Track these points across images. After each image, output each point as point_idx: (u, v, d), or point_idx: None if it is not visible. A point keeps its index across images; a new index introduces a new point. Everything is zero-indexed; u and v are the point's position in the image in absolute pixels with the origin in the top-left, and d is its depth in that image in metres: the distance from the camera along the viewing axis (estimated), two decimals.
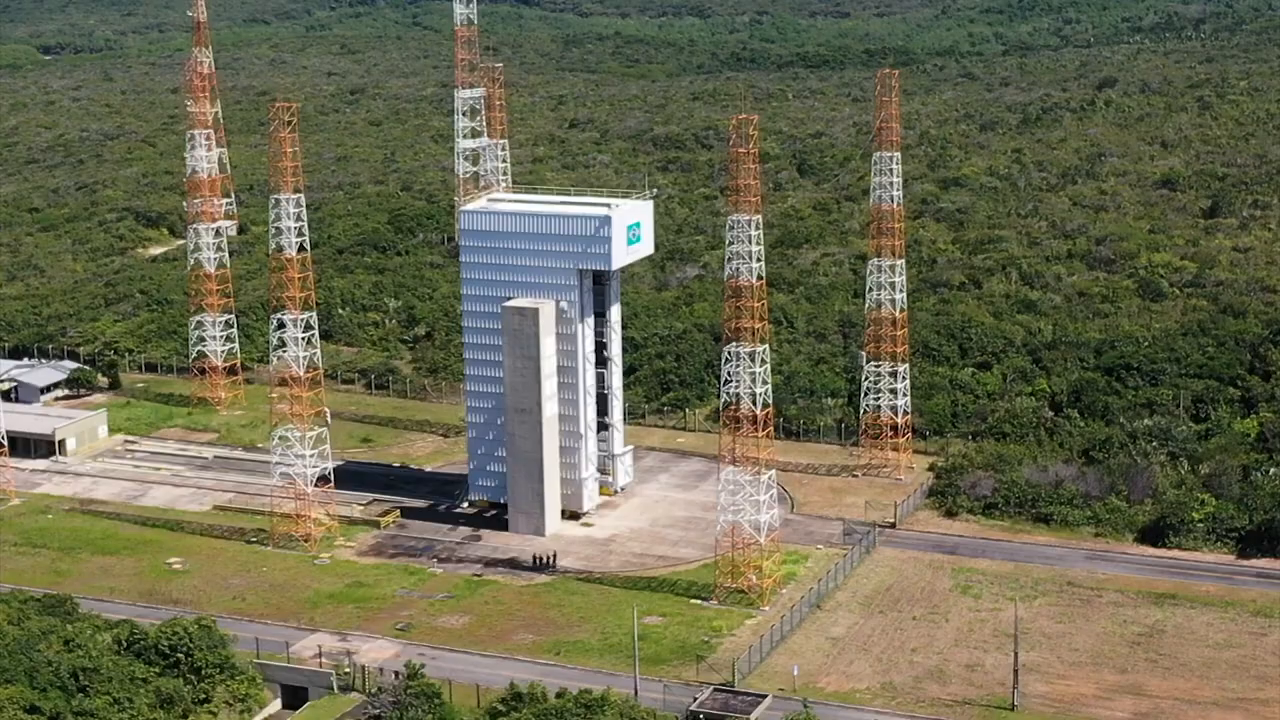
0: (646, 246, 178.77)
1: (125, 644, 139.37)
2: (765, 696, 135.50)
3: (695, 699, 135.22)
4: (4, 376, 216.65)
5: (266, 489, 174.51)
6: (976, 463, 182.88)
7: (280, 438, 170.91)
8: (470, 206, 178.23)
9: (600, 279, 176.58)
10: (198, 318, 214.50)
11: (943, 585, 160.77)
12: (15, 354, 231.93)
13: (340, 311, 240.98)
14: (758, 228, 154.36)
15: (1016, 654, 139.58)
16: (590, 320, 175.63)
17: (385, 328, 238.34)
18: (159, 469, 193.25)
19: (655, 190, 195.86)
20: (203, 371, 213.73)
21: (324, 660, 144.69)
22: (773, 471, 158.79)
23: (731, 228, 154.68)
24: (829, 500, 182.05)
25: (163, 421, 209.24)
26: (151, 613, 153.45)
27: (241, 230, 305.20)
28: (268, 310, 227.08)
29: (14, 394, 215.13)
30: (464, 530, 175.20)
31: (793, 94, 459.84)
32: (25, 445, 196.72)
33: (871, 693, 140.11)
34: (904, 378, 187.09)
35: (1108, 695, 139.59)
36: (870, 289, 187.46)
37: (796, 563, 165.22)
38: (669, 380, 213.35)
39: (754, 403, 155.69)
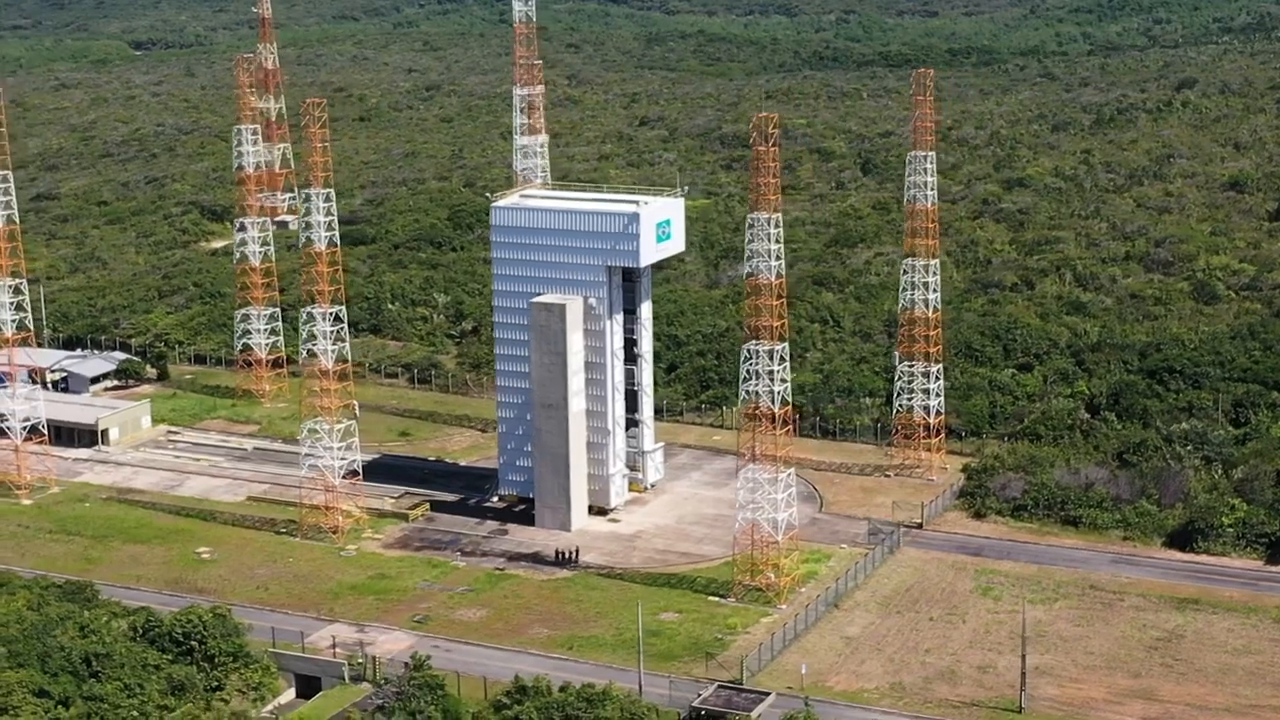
0: (677, 244, 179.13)
1: (141, 631, 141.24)
2: (768, 694, 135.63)
3: (699, 695, 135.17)
4: (55, 367, 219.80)
5: (300, 481, 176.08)
6: (1007, 464, 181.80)
7: (309, 430, 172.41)
8: (502, 203, 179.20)
9: (631, 276, 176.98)
10: (243, 311, 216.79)
11: (963, 586, 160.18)
12: (69, 345, 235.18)
13: (390, 306, 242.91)
14: (777, 226, 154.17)
15: (1024, 656, 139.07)
16: (619, 317, 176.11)
17: (433, 323, 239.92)
18: (198, 459, 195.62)
19: (686, 188, 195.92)
20: (248, 364, 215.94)
21: (337, 650, 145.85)
22: (792, 470, 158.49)
23: (751, 226, 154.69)
24: (859, 500, 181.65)
25: (206, 413, 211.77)
26: (176, 601, 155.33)
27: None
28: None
29: (64, 384, 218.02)
30: (491, 524, 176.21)
31: (867, 93, 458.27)
32: (70, 435, 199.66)
33: (879, 692, 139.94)
34: (937, 378, 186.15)
35: (1118, 699, 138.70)
36: (904, 289, 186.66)
37: (818, 561, 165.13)
38: (708, 378, 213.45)
39: (772, 400, 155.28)
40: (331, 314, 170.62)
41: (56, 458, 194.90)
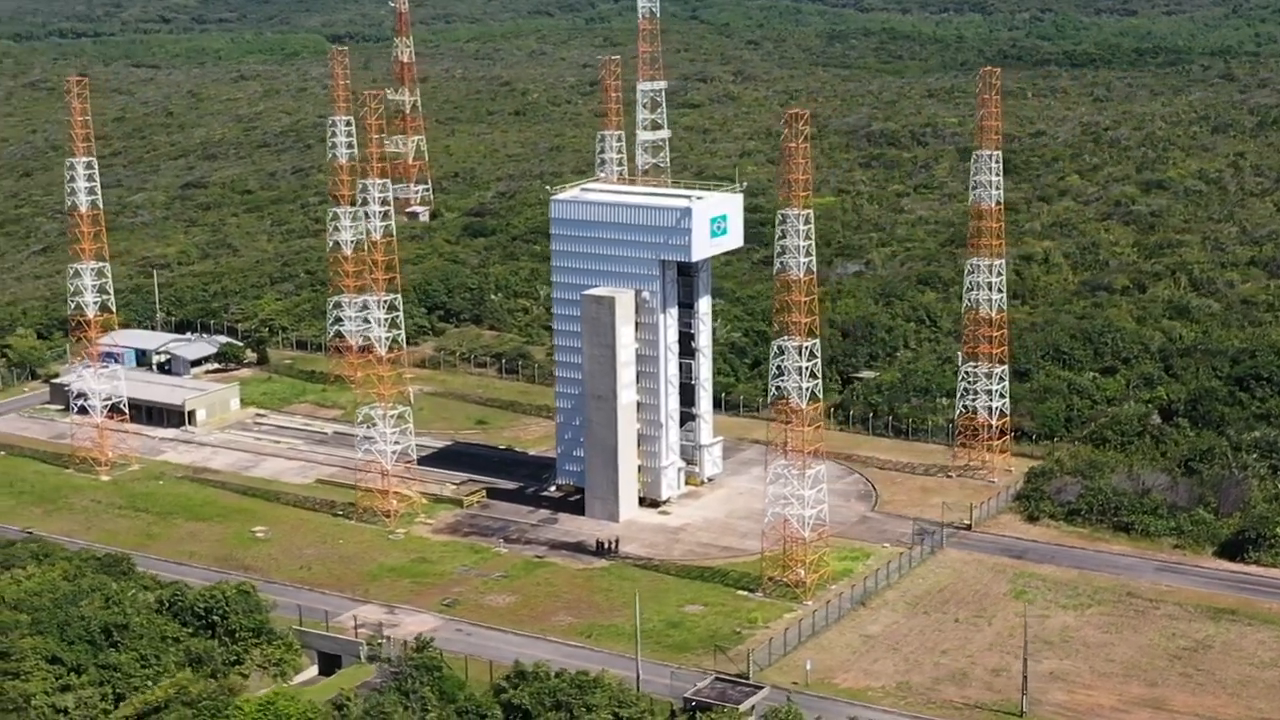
0: (734, 239, 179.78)
1: (167, 604, 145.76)
2: (762, 688, 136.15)
3: (694, 686, 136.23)
4: (160, 349, 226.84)
5: (357, 465, 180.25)
6: (1066, 468, 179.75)
7: (365, 416, 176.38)
8: (561, 196, 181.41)
9: (688, 270, 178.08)
10: (336, 298, 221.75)
11: (998, 589, 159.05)
12: (181, 328, 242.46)
13: (493, 297, 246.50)
14: (807, 222, 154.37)
15: (1025, 660, 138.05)
16: (674, 311, 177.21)
17: (533, 314, 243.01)
18: (277, 442, 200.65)
19: (745, 183, 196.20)
20: (340, 350, 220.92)
21: (359, 630, 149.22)
22: (821, 467, 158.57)
23: (782, 221, 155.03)
24: (915, 499, 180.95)
25: (296, 397, 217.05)
26: (220, 577, 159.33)
27: (434, 215, 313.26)
28: (417, 294, 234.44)
29: (168, 366, 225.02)
30: (543, 513, 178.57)
31: (1032, 92, 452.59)
32: (160, 415, 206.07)
33: (884, 692, 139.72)
34: (1002, 379, 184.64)
35: (1126, 708, 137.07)
36: (968, 289, 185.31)
37: (856, 559, 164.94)
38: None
39: (800, 396, 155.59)
40: (386, 301, 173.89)
41: (145, 436, 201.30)
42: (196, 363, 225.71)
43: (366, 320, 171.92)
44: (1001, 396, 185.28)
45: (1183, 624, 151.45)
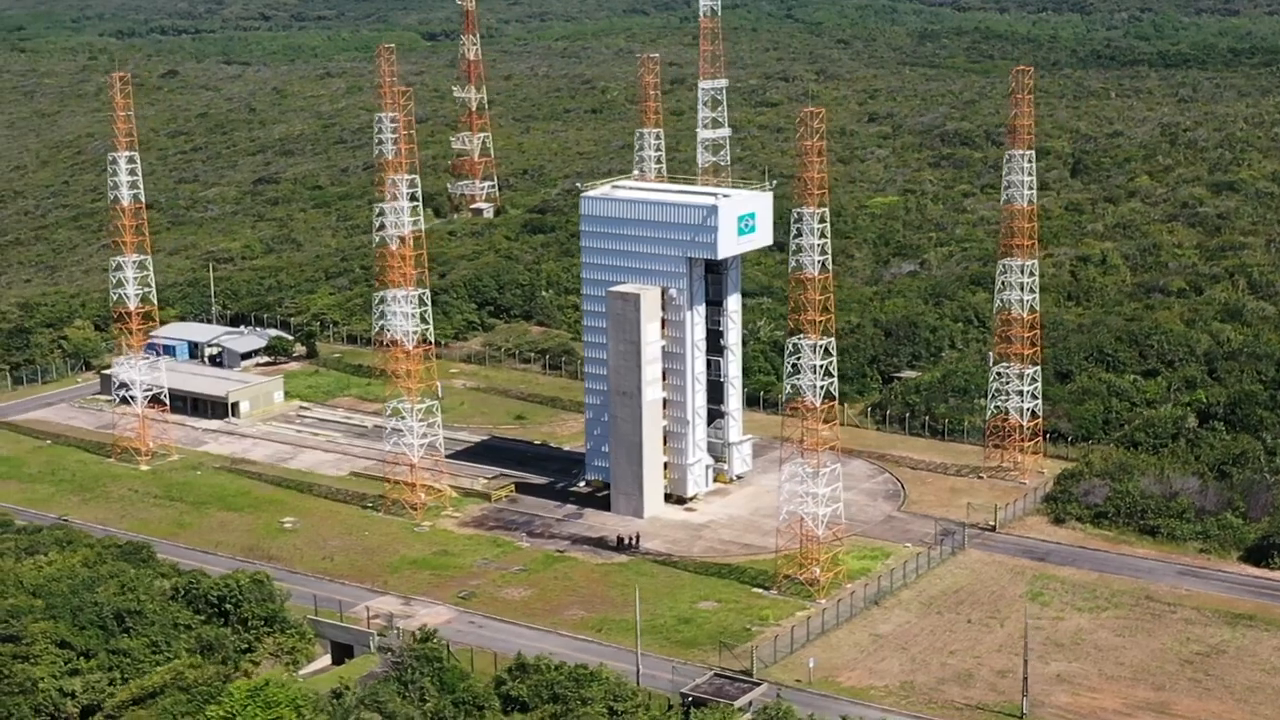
0: (762, 237, 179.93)
1: (182, 592, 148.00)
2: (760, 684, 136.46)
3: (692, 681, 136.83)
4: (212, 342, 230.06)
5: (385, 457, 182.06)
6: (1095, 470, 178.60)
7: (393, 410, 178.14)
8: (591, 193, 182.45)
9: (716, 268, 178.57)
10: (381, 293, 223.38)
11: (1014, 591, 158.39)
12: (234, 321, 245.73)
13: (543, 293, 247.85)
14: (822, 221, 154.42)
15: (1026, 661, 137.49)
16: (701, 308, 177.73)
17: (582, 311, 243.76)
18: (317, 434, 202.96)
19: (775, 182, 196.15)
20: (385, 345, 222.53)
21: (372, 621, 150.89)
22: (837, 465, 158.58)
23: (796, 220, 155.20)
24: (943, 500, 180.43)
25: (340, 390, 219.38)
26: (245, 567, 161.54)
27: (499, 212, 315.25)
28: (467, 290, 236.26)
29: (219, 359, 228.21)
30: (570, 508, 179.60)
31: (1116, 92, 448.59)
32: (204, 406, 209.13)
33: (886, 691, 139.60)
34: (1034, 380, 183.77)
35: (1129, 711, 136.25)
36: (1000, 289, 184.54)
37: (874, 559, 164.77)
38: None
39: (814, 394, 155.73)
40: (414, 296, 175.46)
41: (189, 427, 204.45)
42: (246, 356, 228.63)
43: (383, 314, 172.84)
44: (1034, 398, 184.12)
45: (1198, 628, 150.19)
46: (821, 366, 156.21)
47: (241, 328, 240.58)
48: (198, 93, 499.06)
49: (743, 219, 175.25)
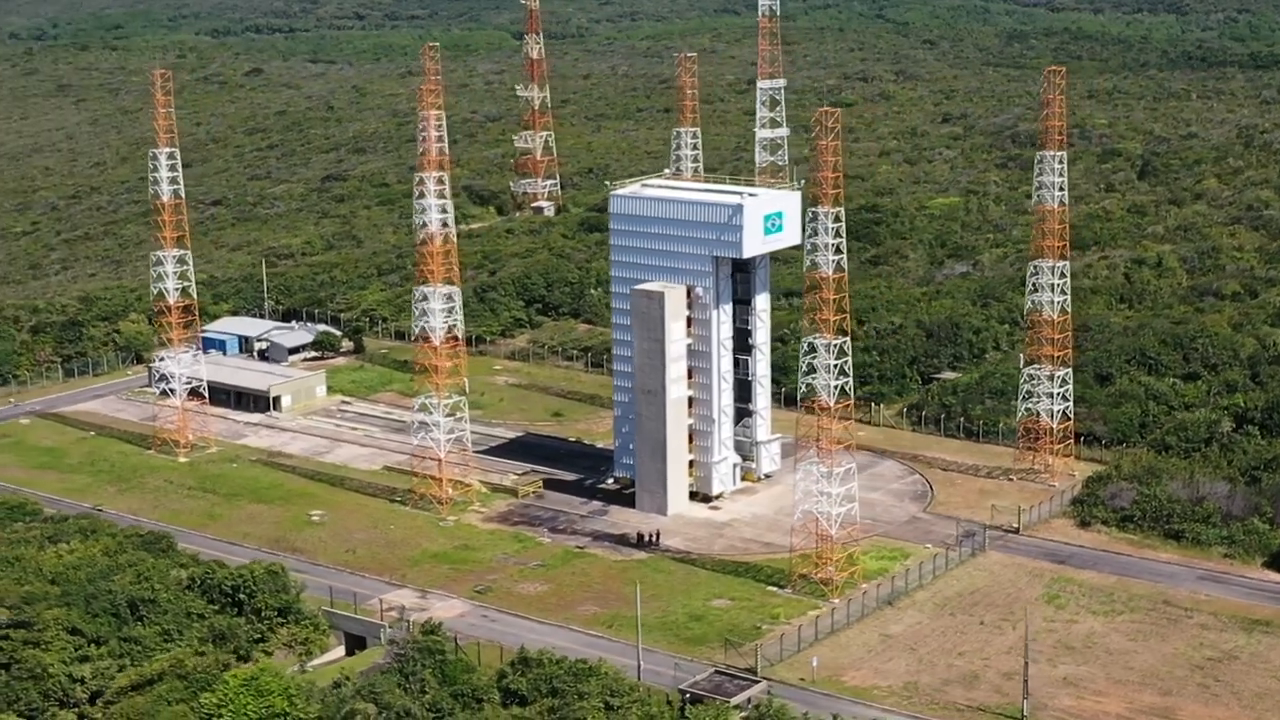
0: (790, 237, 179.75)
1: (198, 582, 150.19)
2: (758, 682, 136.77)
3: (691, 678, 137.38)
4: (261, 336, 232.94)
5: (412, 452, 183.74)
6: (1123, 473, 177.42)
7: (421, 405, 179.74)
8: (620, 191, 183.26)
9: (744, 267, 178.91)
10: (422, 289, 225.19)
11: (1031, 594, 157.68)
12: (286, 317, 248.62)
13: (592, 291, 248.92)
14: (836, 220, 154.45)
15: (1027, 663, 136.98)
16: (728, 307, 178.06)
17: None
18: (355, 429, 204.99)
19: (803, 181, 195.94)
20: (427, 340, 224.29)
21: (386, 613, 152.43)
22: (852, 465, 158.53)
23: (811, 219, 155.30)
24: (971, 501, 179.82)
25: (383, 385, 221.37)
26: (269, 558, 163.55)
27: (560, 210, 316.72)
28: (515, 287, 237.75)
29: (267, 353, 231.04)
30: (595, 505, 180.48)
31: (1196, 94, 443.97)
32: (247, 400, 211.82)
33: (889, 691, 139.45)
34: (1065, 382, 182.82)
35: (1132, 715, 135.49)
36: (1030, 290, 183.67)
37: (893, 559, 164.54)
38: (868, 374, 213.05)
39: (828, 394, 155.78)
40: (444, 293, 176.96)
41: (231, 420, 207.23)
42: (294, 350, 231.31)
43: (424, 312, 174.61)
44: (1065, 400, 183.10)
45: (1213, 634, 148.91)
46: (836, 366, 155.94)
47: (292, 323, 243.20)
48: (279, 91, 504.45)
49: (769, 218, 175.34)
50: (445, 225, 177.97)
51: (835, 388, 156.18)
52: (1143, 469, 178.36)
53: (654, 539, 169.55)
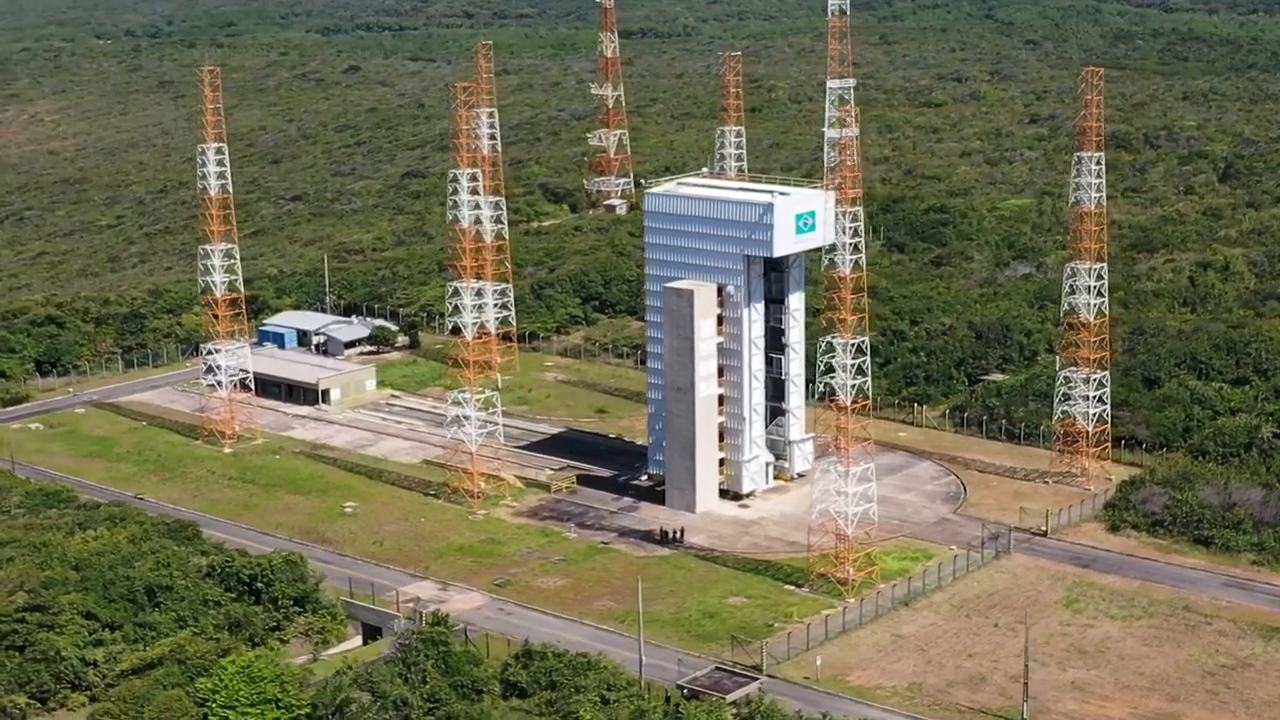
0: (821, 236, 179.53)
1: (218, 570, 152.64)
2: (757, 679, 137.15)
3: (690, 674, 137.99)
4: (319, 330, 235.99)
5: (445, 445, 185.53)
6: (1156, 478, 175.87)
7: (454, 400, 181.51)
8: (655, 190, 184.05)
9: (777, 265, 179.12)
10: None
11: (1050, 597, 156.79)
12: (347, 311, 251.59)
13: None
14: (855, 220, 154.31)
15: (1027, 666, 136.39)
16: (760, 305, 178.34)
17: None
18: (400, 423, 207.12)
19: (837, 182, 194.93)
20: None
21: (403, 604, 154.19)
22: (870, 465, 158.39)
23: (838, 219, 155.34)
24: (1004, 504, 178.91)
25: (432, 380, 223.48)
26: (298, 548, 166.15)
27: (633, 208, 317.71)
28: (572, 284, 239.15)
29: (324, 347, 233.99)
30: (626, 501, 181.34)
31: None
32: (298, 393, 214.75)
33: (892, 691, 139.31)
34: (1101, 385, 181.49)
35: None
36: (1067, 293, 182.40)
37: (915, 560, 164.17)
38: (914, 374, 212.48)
39: (847, 394, 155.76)
40: (474, 288, 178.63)
41: (280, 413, 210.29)
42: (350, 344, 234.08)
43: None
44: (1101, 403, 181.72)
45: (1230, 641, 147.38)
46: (853, 365, 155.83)
47: (352, 317, 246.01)
48: (374, 88, 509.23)
49: (801, 217, 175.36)
50: (479, 221, 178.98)
51: (853, 387, 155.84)
52: (1177, 474, 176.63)
53: (677, 536, 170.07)
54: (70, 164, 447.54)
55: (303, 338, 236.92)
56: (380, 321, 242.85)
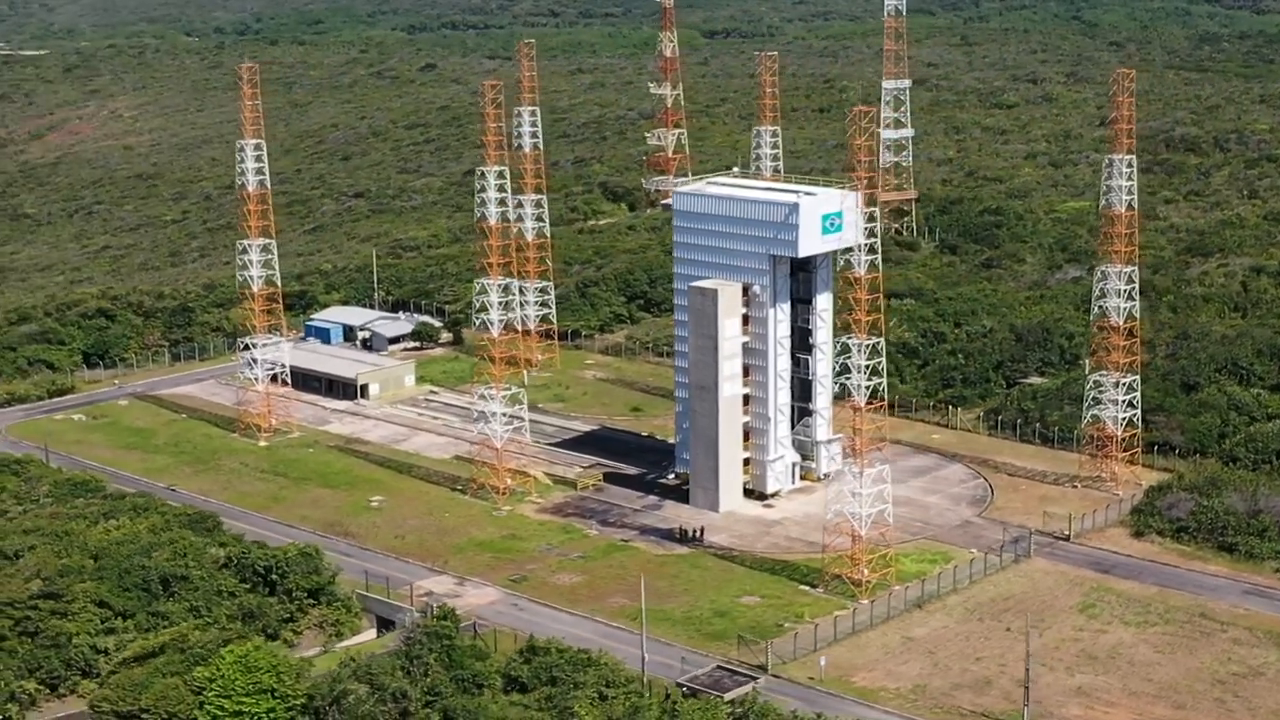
0: (849, 236, 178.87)
1: (234, 562, 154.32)
2: (755, 679, 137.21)
3: (690, 672, 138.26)
4: (364, 326, 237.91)
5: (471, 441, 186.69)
6: (1183, 484, 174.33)
7: (480, 396, 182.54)
8: (683, 189, 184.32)
9: (805, 266, 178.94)
10: (522, 284, 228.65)
11: (1066, 602, 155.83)
12: (395, 308, 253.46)
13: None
14: (871, 220, 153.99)
15: (1028, 670, 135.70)
16: (785, 306, 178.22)
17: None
18: (437, 418, 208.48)
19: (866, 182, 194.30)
20: (520, 334, 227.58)
21: (417, 598, 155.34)
22: (885, 467, 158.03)
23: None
24: (1030, 507, 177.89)
25: (472, 377, 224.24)
26: (322, 541, 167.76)
27: None
28: (617, 283, 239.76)
29: (369, 342, 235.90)
30: (651, 499, 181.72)
31: None
32: (338, 387, 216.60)
33: (895, 693, 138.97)
34: (1131, 389, 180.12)
35: None
36: (1097, 296, 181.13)
37: (934, 562, 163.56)
38: (951, 377, 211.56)
39: (861, 394, 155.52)
40: (500, 285, 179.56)
41: (319, 407, 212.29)
42: (394, 340, 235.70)
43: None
44: (1131, 407, 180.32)
45: (1244, 649, 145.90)
46: (868, 366, 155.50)
47: (399, 314, 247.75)
48: (447, 86, 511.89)
49: (827, 218, 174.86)
50: (505, 219, 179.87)
51: (867, 388, 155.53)
52: (1205, 480, 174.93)
53: (697, 535, 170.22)
54: (144, 159, 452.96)
55: (348, 333, 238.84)
56: (424, 318, 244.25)
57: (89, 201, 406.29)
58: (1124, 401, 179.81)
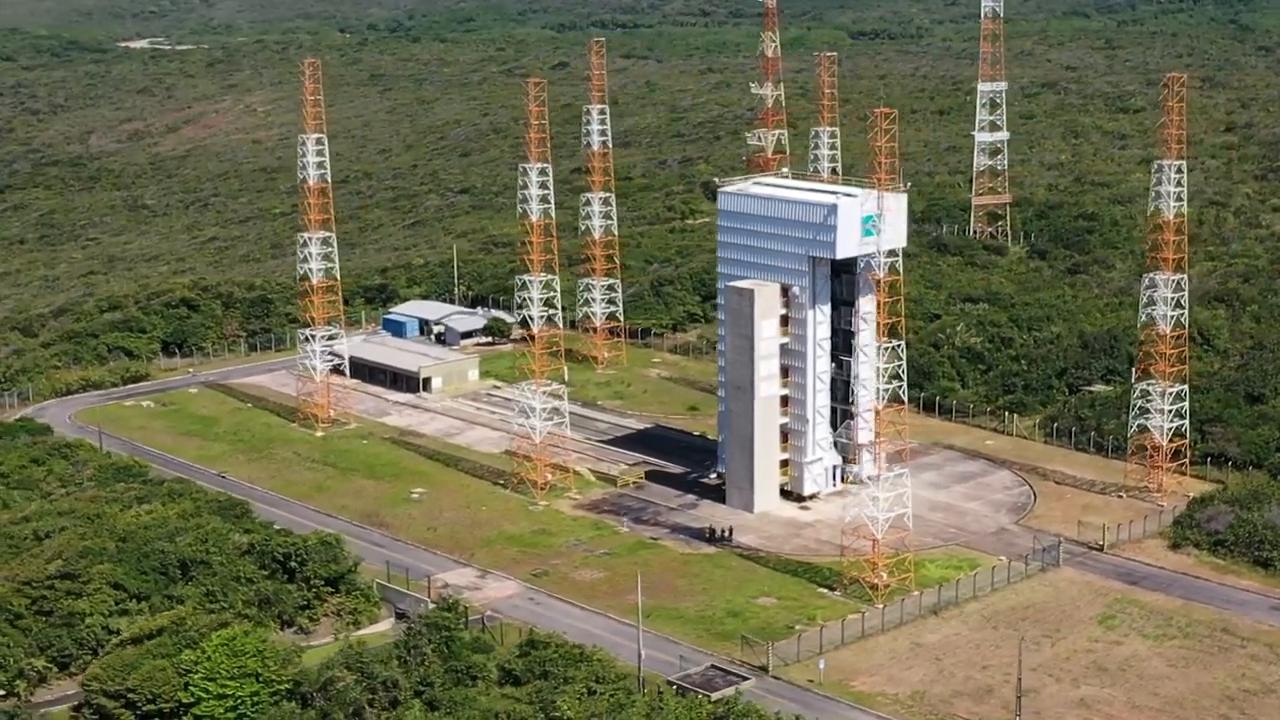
0: (892, 238, 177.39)
1: (255, 548, 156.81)
2: (746, 679, 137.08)
3: (684, 671, 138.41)
4: (438, 320, 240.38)
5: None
6: (1225, 496, 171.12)
7: (520, 391, 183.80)
8: (728, 189, 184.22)
9: (848, 267, 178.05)
10: (584, 281, 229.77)
11: (1087, 612, 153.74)
12: (474, 303, 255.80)
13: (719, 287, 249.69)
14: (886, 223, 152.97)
15: (1020, 679, 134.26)
16: (826, 307, 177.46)
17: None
18: (494, 413, 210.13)
19: (909, 183, 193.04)
20: (588, 331, 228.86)
21: (434, 589, 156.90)
22: (904, 471, 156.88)
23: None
24: (1071, 516, 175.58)
25: (514, 373, 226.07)
26: (357, 530, 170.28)
27: None
28: (692, 282, 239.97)
29: (443, 336, 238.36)
30: (688, 498, 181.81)
31: None
32: (402, 380, 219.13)
33: (893, 699, 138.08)
34: (1179, 399, 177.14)
35: None
36: (1145, 304, 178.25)
37: (959, 569, 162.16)
38: (1011, 383, 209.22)
39: (879, 398, 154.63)
40: (541, 282, 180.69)
41: (381, 399, 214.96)
42: (467, 334, 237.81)
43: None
44: (1180, 417, 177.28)
45: (1261, 665, 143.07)
46: (887, 369, 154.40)
47: (477, 308, 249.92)
48: (577, 84, 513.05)
49: (868, 220, 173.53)
50: (547, 215, 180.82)
51: (885, 391, 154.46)
52: (1248, 493, 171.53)
53: (725, 535, 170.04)
54: (270, 153, 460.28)
55: (423, 327, 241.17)
56: (499, 313, 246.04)
57: (207, 194, 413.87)
58: (1171, 411, 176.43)
